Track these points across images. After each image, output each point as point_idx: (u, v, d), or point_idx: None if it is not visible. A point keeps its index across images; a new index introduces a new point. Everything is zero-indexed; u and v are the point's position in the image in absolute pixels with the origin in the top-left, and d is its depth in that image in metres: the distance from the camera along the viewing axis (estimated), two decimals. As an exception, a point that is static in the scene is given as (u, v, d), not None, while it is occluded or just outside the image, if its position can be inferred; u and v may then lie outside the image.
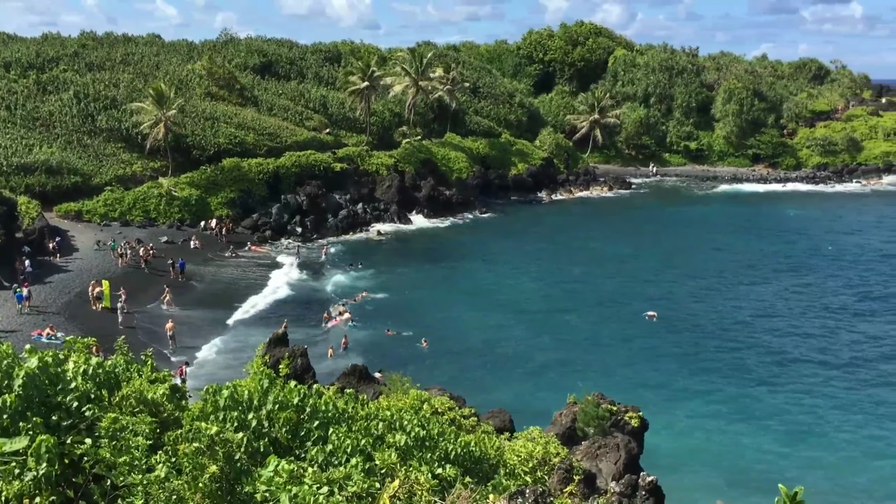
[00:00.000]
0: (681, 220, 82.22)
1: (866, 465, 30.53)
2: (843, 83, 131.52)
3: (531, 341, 44.66)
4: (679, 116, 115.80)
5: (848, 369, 40.60)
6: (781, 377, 39.50)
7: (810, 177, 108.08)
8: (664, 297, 53.23)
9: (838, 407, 35.97)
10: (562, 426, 22.79)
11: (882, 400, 36.79)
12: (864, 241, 71.77)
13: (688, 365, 41.07)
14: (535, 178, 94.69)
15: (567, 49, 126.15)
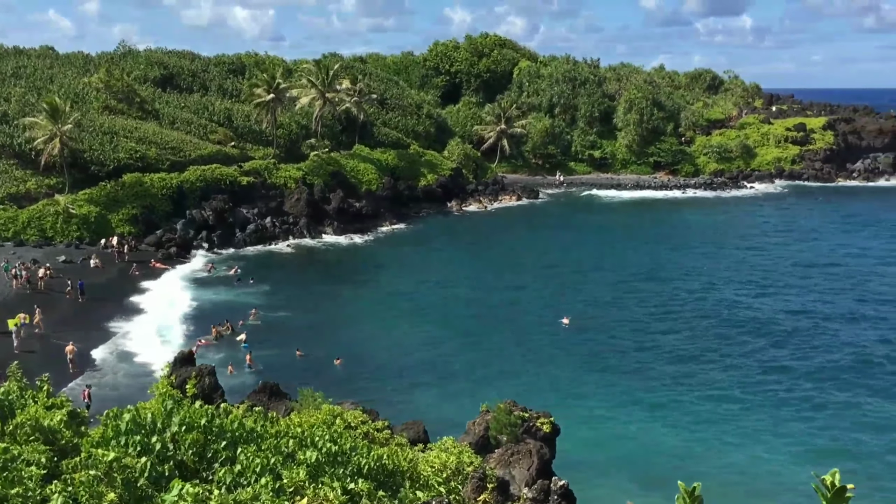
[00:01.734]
0: (589, 227, 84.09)
1: (769, 462, 31.74)
2: (736, 92, 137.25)
3: (446, 352, 44.81)
4: (583, 126, 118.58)
5: (751, 368, 42.20)
6: (689, 377, 40.75)
7: (708, 183, 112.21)
8: (578, 304, 54.21)
9: (743, 405, 37.32)
10: (475, 435, 22.94)
11: (783, 398, 38.38)
12: (760, 244, 74.83)
13: (600, 369, 41.95)
14: (445, 188, 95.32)
15: (473, 60, 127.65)
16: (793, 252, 70.64)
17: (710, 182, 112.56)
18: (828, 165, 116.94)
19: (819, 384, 39.53)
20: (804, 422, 35.34)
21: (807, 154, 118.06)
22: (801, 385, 39.56)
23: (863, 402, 37.28)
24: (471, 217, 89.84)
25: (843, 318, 50.86)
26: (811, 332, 48.01)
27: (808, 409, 36.77)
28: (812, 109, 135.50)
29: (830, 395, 38.29)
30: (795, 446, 32.96)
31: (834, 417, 35.75)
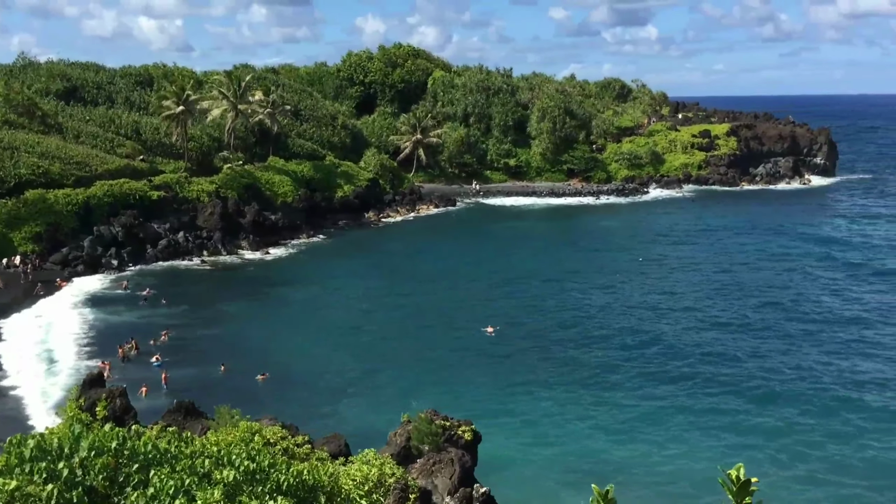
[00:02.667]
0: (507, 235, 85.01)
1: (684, 461, 32.61)
2: (645, 101, 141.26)
3: (369, 363, 44.57)
4: (498, 135, 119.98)
5: (666, 371, 43.33)
6: (607, 382, 41.58)
7: (620, 189, 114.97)
8: (501, 312, 54.57)
9: (660, 407, 38.27)
10: (397, 446, 22.88)
11: (698, 400, 39.52)
12: (669, 246, 76.98)
13: (522, 376, 42.37)
14: (362, 199, 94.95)
15: (387, 71, 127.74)
16: (700, 254, 72.91)
17: (622, 188, 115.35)
18: (732, 170, 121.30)
19: (728, 386, 40.87)
20: (716, 421, 36.48)
21: (712, 159, 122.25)
22: (711, 386, 40.83)
23: (769, 403, 38.71)
24: (389, 227, 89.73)
25: (748, 321, 52.73)
26: (719, 334, 49.63)
27: (721, 409, 37.96)
28: (716, 116, 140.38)
29: (739, 396, 39.62)
30: (709, 444, 33.99)
31: (743, 417, 36.99)
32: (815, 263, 67.27)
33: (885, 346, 45.95)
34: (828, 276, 62.87)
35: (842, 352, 44.98)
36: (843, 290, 58.46)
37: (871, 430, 34.21)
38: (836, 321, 50.79)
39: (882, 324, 49.91)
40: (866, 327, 49.05)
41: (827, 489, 29.85)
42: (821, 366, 42.90)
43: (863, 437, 33.72)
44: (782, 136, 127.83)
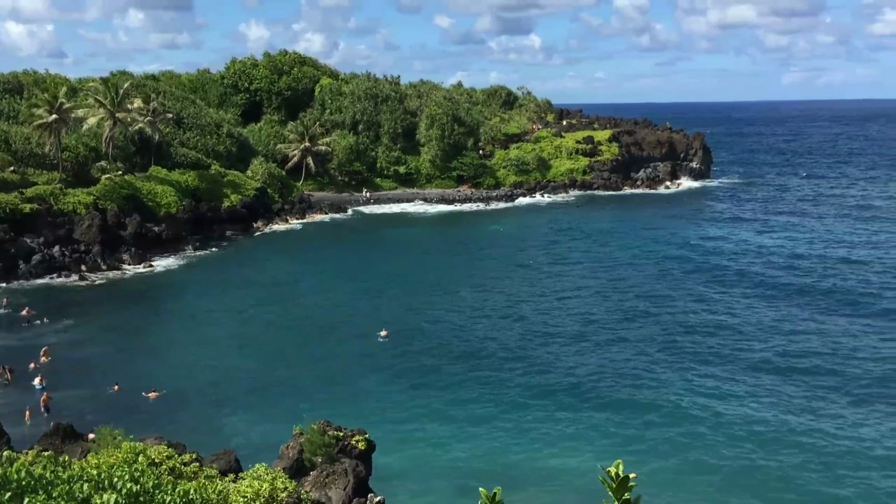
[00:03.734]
0: (399, 241, 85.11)
1: (576, 462, 33.42)
2: (530, 108, 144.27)
3: (259, 375, 43.68)
4: (387, 142, 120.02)
5: (557, 373, 44.29)
6: (500, 386, 42.15)
7: (508, 194, 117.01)
8: (394, 317, 54.59)
9: (552, 407, 39.08)
10: (289, 459, 22.51)
11: (588, 402, 40.58)
12: (557, 250, 78.86)
13: (417, 382, 42.47)
14: (250, 208, 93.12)
15: (273, 78, 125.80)
16: (585, 258, 75.03)
17: (511, 193, 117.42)
18: (615, 175, 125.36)
19: (612, 387, 42.16)
20: (602, 421, 37.55)
21: (596, 165, 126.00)
22: (598, 387, 42.03)
23: (648, 405, 40.16)
24: (278, 236, 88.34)
25: (626, 318, 54.61)
26: (603, 337, 51.13)
27: (606, 409, 39.10)
28: (598, 123, 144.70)
29: (622, 397, 40.94)
30: (596, 444, 34.95)
31: (627, 416, 38.24)
32: (689, 268, 70.06)
33: (741, 349, 48.44)
34: (699, 283, 65.66)
35: (708, 357, 47.05)
36: (713, 296, 61.23)
37: (727, 436, 35.84)
38: (704, 325, 53.10)
39: (736, 330, 52.51)
40: (732, 332, 51.30)
41: (694, 486, 31.28)
42: (696, 367, 44.83)
43: (721, 440, 35.43)
44: (661, 142, 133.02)
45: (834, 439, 34.12)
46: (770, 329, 50.21)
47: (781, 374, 42.36)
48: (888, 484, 30.28)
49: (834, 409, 37.58)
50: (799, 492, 29.99)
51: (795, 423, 35.76)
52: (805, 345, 46.81)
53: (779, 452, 32.92)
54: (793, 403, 38.14)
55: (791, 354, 45.31)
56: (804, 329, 50.16)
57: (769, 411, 37.22)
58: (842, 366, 43.11)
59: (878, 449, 33.15)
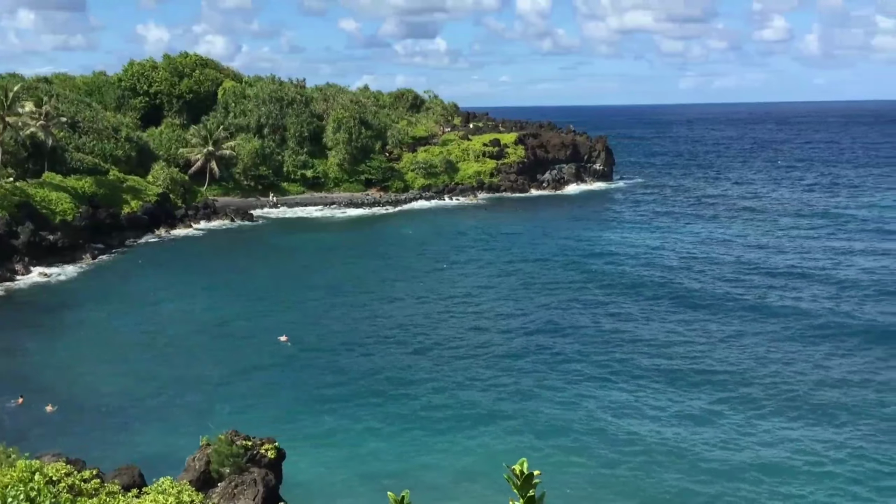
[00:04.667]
0: (306, 246, 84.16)
1: (485, 461, 33.75)
2: (437, 111, 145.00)
3: (162, 385, 42.45)
4: (293, 146, 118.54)
5: (462, 371, 44.63)
6: (407, 384, 42.20)
7: (417, 197, 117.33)
8: (296, 322, 54.01)
9: (458, 408, 39.35)
10: (196, 471, 21.98)
11: (499, 400, 41.04)
12: (467, 251, 79.49)
13: (323, 386, 42.09)
14: (152, 214, 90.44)
15: (173, 81, 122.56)
16: (491, 258, 75.91)
17: (419, 196, 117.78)
18: (521, 177, 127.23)
19: (516, 387, 42.84)
20: (508, 420, 38.09)
21: (502, 167, 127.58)
22: (503, 385, 42.59)
23: (554, 403, 40.95)
24: (181, 243, 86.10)
25: (527, 323, 55.55)
26: (507, 337, 51.86)
27: (513, 408, 39.68)
28: (504, 126, 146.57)
29: (528, 397, 41.64)
30: (505, 444, 35.42)
31: (531, 416, 38.91)
32: (588, 272, 71.46)
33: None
34: (598, 288, 67.25)
35: (600, 364, 48.23)
36: (613, 303, 62.80)
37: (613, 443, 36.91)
38: (599, 333, 54.43)
39: (626, 337, 54.08)
40: (622, 339, 52.46)
41: (599, 482, 32.12)
42: (587, 374, 45.93)
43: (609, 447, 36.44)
44: (565, 144, 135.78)
45: (719, 446, 35.53)
46: (658, 333, 51.08)
47: (666, 379, 43.60)
48: (768, 489, 31.73)
49: (723, 415, 39.06)
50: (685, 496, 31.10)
51: (683, 433, 37.03)
52: (690, 348, 47.69)
53: (668, 464, 34.06)
54: (680, 411, 39.46)
55: (679, 358, 46.61)
56: (691, 332, 51.43)
57: (656, 420, 38.41)
58: (730, 371, 44.59)
59: (769, 455, 34.69)
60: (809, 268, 67.20)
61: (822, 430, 35.50)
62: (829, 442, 34.23)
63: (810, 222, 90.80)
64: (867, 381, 41.06)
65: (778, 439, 34.73)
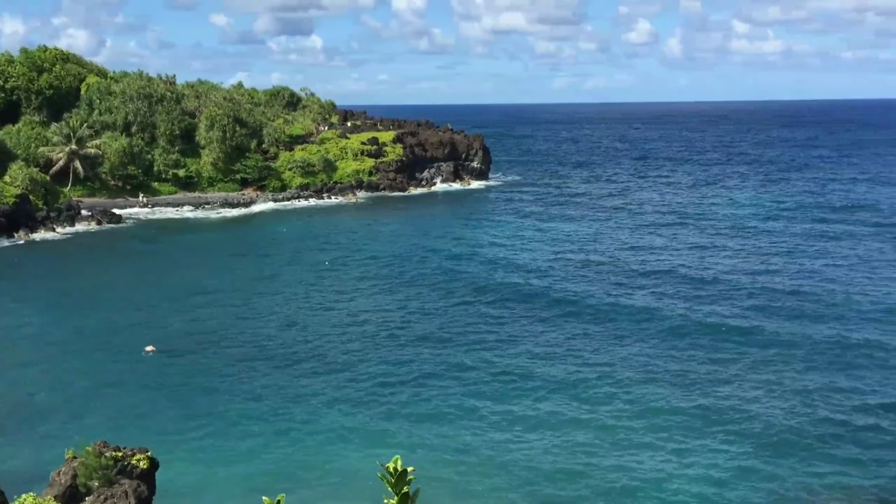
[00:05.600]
0: (179, 248, 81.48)
1: (362, 461, 33.63)
2: (314, 109, 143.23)
3: (22, 398, 40.13)
4: (164, 144, 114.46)
5: (336, 371, 44.31)
6: (286, 387, 41.52)
7: (296, 196, 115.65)
8: (166, 327, 52.15)
9: (339, 407, 39.04)
10: (62, 486, 20.87)
11: (377, 398, 40.93)
12: (343, 250, 78.90)
13: (192, 391, 40.86)
14: (10, 218, 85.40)
15: (31, 76, 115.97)
16: (366, 257, 75.71)
17: (298, 195, 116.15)
18: (400, 175, 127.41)
19: (393, 387, 42.96)
20: (386, 420, 38.13)
21: (381, 166, 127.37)
22: (382, 385, 42.61)
23: (427, 401, 41.31)
24: (43, 247, 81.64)
25: (399, 319, 55.84)
26: (381, 339, 51.91)
27: (389, 408, 39.74)
28: (383, 124, 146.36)
29: (400, 398, 41.81)
30: (389, 443, 35.42)
31: (408, 414, 39.11)
32: (460, 273, 72.59)
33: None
34: (477, 290, 68.31)
35: (460, 364, 49.06)
36: (481, 301, 63.81)
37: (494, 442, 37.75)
38: (462, 332, 55.34)
39: (485, 337, 55.23)
40: (483, 341, 53.56)
41: (482, 477, 32.67)
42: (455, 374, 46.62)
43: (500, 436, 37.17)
44: (443, 143, 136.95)
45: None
46: (517, 331, 51.14)
47: (513, 381, 44.55)
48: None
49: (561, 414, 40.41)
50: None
51: (547, 434, 38.08)
52: (541, 347, 47.76)
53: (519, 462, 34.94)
54: (523, 413, 40.54)
55: (538, 358, 47.28)
56: (545, 330, 51.59)
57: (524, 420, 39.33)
58: (563, 370, 45.71)
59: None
60: (669, 265, 69.29)
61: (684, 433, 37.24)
62: (690, 442, 35.96)
63: (672, 220, 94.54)
64: (722, 381, 43.21)
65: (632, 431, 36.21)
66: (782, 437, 34.67)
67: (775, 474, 31.54)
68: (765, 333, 48.83)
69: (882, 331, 48.92)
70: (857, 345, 46.37)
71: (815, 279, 62.38)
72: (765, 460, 32.64)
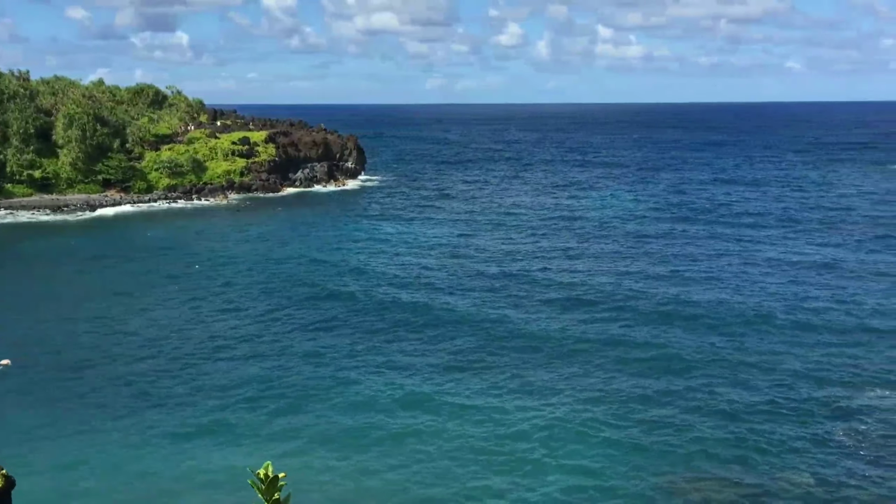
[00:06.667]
0: (34, 255, 77.14)
1: (238, 468, 32.93)
2: (181, 108, 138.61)
3: None
4: (18, 144, 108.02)
5: (204, 379, 43.22)
6: (149, 395, 40.10)
7: (163, 198, 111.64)
8: (21, 340, 49.19)
9: (202, 417, 38.03)
10: None
11: (238, 406, 40.11)
12: (211, 254, 76.83)
13: (54, 404, 38.87)
14: None
15: None
16: (242, 255, 74.14)
17: (166, 197, 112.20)
18: (273, 176, 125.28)
19: (254, 395, 42.35)
20: (252, 427, 37.52)
21: (253, 166, 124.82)
22: (242, 393, 41.89)
23: (293, 410, 40.98)
24: None
25: (255, 326, 55.14)
26: (257, 345, 51.09)
27: (254, 415, 39.14)
28: (254, 124, 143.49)
29: (263, 404, 41.28)
30: (266, 449, 34.83)
31: (274, 421, 38.62)
32: (327, 277, 72.47)
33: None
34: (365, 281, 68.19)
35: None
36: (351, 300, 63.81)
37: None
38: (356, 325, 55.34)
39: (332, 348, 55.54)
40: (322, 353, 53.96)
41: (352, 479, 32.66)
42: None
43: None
44: (316, 143, 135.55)
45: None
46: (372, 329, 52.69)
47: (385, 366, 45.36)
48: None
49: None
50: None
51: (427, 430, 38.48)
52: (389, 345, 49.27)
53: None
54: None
55: (394, 368, 48.59)
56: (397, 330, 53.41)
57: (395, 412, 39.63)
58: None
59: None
60: (531, 268, 70.67)
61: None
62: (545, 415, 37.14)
63: (541, 221, 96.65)
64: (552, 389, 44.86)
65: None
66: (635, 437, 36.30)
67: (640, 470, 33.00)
68: (620, 336, 50.89)
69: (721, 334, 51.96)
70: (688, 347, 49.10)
71: (671, 281, 65.59)
72: (621, 460, 34.09)
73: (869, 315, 52.50)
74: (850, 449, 33.92)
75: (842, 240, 79.68)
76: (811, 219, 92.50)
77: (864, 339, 47.70)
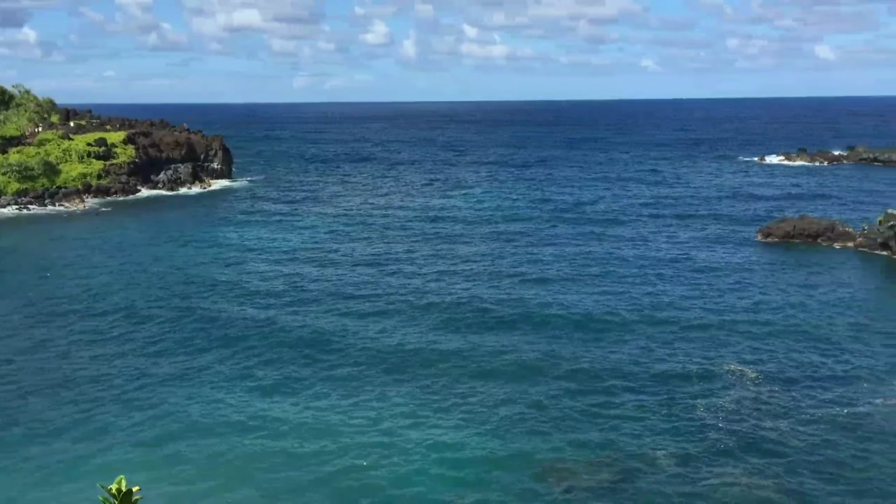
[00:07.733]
0: None
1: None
2: (30, 108, 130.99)
3: None
4: None
5: (104, 391, 41.29)
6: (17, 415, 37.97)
7: (12, 203, 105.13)
8: None
9: (87, 437, 36.34)
10: None
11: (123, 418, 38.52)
12: (76, 256, 73.20)
13: None
14: None
15: None
16: (100, 261, 70.96)
17: (15, 202, 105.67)
18: (133, 178, 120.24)
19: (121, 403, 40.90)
20: (113, 437, 36.21)
21: (112, 168, 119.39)
22: (113, 399, 40.36)
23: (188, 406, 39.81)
24: None
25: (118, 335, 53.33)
26: (149, 353, 49.26)
27: (127, 424, 37.77)
28: (111, 124, 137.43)
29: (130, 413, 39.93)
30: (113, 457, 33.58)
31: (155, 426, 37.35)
32: (219, 270, 70.77)
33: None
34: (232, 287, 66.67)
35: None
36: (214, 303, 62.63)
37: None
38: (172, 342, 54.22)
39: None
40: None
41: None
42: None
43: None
44: (179, 143, 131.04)
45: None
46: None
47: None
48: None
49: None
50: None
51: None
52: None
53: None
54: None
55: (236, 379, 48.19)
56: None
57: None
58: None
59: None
60: (390, 272, 71.64)
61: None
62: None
63: (408, 220, 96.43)
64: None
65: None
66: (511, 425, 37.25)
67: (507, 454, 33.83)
68: (474, 344, 52.06)
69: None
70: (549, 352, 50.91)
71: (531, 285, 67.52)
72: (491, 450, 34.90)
73: (720, 306, 55.80)
74: (710, 423, 36.01)
75: (694, 234, 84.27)
76: (667, 214, 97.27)
77: (718, 326, 50.70)
